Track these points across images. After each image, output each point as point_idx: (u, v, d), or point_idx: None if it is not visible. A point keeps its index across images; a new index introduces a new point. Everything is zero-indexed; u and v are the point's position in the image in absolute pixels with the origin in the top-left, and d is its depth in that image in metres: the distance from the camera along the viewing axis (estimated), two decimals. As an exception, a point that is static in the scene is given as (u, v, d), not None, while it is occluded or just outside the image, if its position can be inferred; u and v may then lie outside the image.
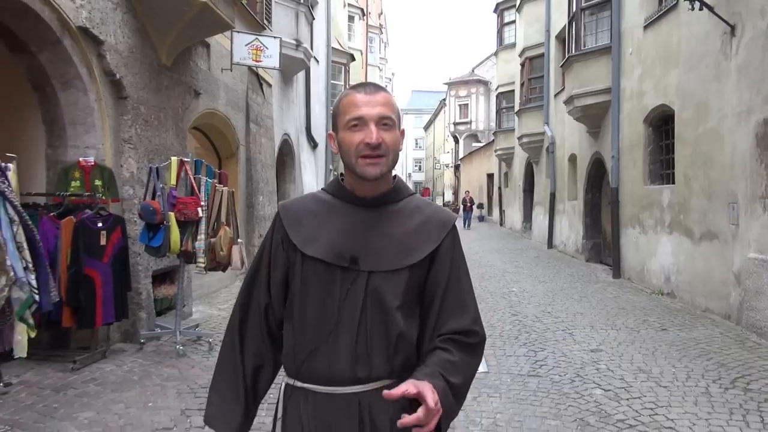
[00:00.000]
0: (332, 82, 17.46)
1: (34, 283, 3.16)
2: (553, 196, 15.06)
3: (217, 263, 5.28)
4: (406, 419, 1.20)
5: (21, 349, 3.20)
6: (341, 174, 1.50)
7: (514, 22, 20.60)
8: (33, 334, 3.27)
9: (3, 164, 3.22)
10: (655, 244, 8.64)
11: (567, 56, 11.74)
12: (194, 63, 6.94)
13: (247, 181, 9.24)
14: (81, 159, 4.84)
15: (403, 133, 1.47)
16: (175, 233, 4.94)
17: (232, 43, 7.89)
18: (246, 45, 7.99)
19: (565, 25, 12.59)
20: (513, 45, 20.40)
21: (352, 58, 19.69)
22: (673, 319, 6.76)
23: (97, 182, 4.89)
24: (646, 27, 8.89)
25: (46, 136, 4.87)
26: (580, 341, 5.83)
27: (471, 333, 1.42)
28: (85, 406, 3.89)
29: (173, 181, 5.06)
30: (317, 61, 15.13)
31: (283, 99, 12.00)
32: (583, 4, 11.20)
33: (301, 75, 13.43)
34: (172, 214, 4.96)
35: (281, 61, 8.75)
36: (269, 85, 10.55)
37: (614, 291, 8.76)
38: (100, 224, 4.63)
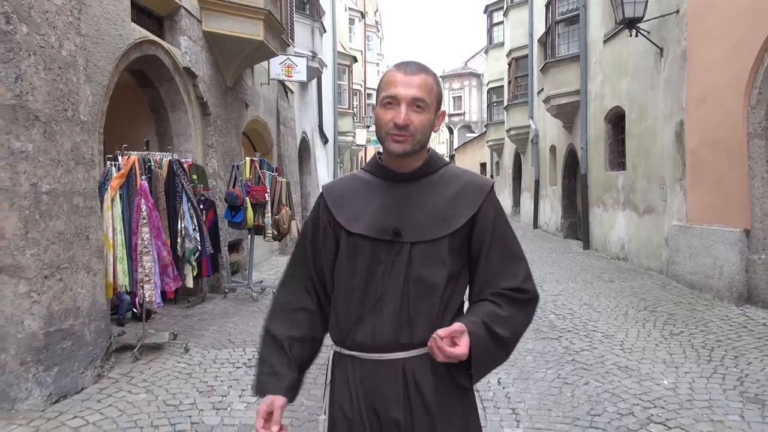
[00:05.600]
0: (338, 82, 19.32)
1: (198, 238, 5.10)
2: (537, 183, 16.98)
3: (280, 234, 7.24)
4: (436, 340, 1.29)
5: (189, 281, 5.14)
6: (380, 153, 1.55)
7: (502, 22, 21.96)
8: (195, 273, 5.22)
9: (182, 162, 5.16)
10: (613, 220, 10.63)
11: (545, 61, 13.66)
12: (245, 82, 8.85)
13: (279, 173, 11.16)
14: (183, 160, 6.75)
15: (443, 114, 1.50)
16: (250, 213, 6.90)
17: (269, 63, 9.78)
18: (280, 63, 9.89)
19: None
20: (501, 44, 21.83)
21: (355, 60, 21.50)
22: (621, 275, 8.76)
23: (194, 176, 6.79)
24: (605, 41, 10.81)
25: (158, 144, 6.79)
26: (546, 290, 7.80)
27: (521, 290, 1.44)
28: (208, 324, 5.88)
29: (248, 174, 7.00)
30: (326, 66, 16.94)
31: (301, 102, 13.89)
32: (557, 18, 13.10)
33: (314, 80, 15.28)
34: (247, 199, 6.90)
35: (307, 74, 10.65)
36: (292, 92, 12.45)
37: (582, 258, 10.77)
38: (201, 206, 6.56)
